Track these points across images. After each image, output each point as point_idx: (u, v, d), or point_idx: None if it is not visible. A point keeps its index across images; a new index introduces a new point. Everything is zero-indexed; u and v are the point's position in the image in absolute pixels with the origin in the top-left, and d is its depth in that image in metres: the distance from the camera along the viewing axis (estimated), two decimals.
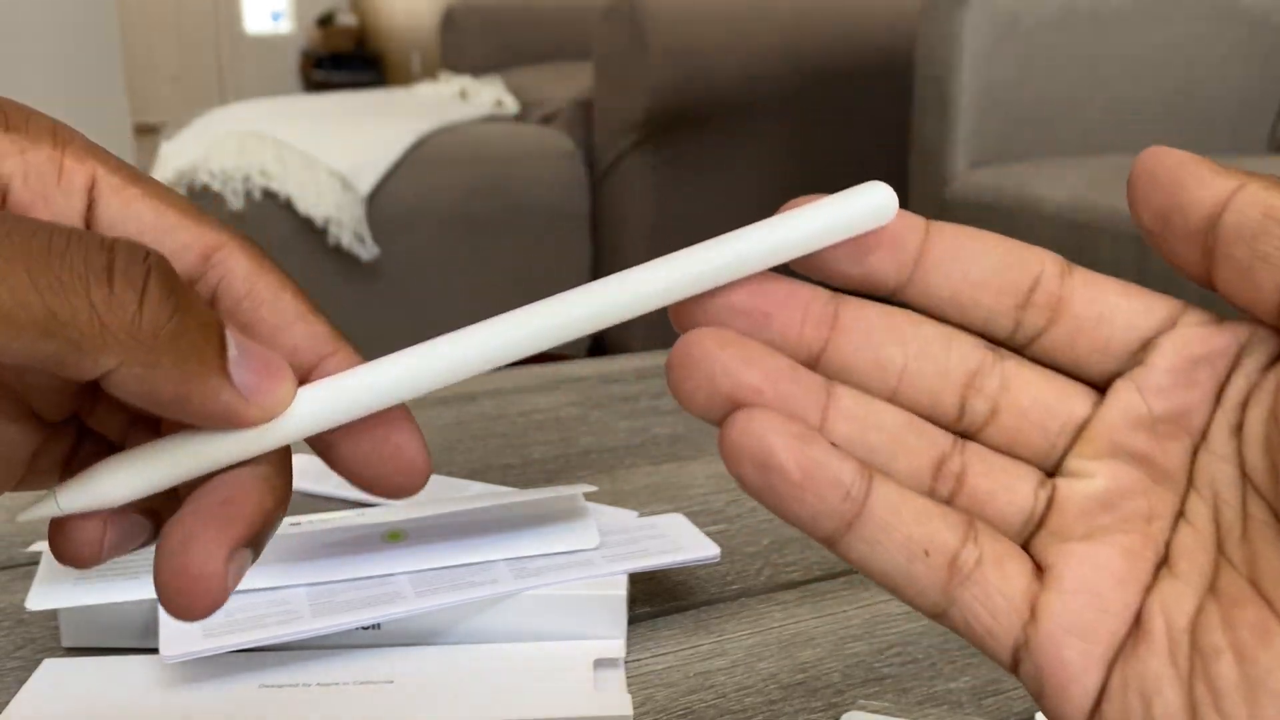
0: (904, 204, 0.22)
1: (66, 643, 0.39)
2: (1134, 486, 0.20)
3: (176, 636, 0.36)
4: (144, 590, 0.38)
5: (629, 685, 0.38)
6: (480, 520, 0.42)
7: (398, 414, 0.21)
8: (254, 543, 0.21)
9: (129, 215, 0.21)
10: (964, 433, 0.21)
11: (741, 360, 0.20)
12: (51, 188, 0.21)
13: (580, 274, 1.96)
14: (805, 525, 0.20)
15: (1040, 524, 0.21)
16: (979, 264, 0.21)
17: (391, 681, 0.37)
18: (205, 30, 6.06)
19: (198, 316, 0.19)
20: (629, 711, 0.35)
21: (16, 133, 0.21)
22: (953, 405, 0.21)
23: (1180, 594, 0.20)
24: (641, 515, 0.46)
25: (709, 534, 0.44)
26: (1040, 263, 0.21)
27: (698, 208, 1.85)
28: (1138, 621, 0.20)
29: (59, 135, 0.21)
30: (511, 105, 2.12)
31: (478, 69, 2.52)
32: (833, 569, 0.46)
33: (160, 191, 0.22)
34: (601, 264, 1.97)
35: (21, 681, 0.37)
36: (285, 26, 6.33)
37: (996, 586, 0.20)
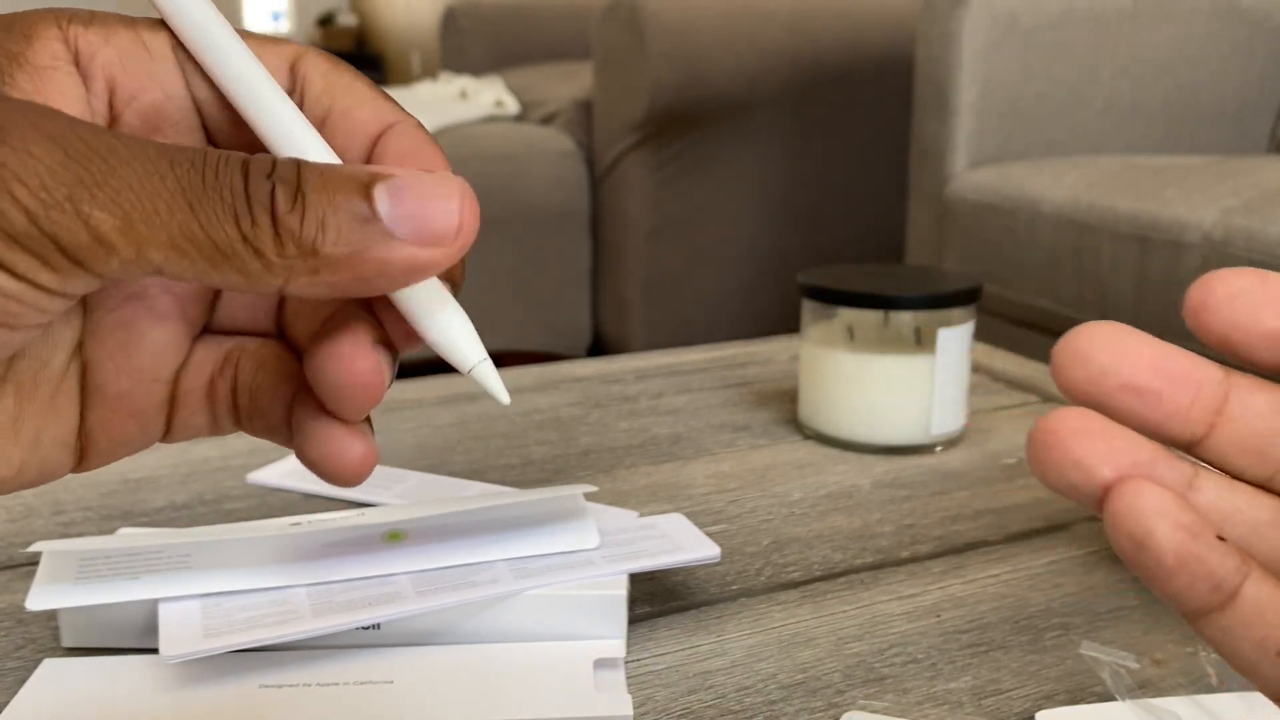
0: (904, 203, 0.21)
1: (66, 643, 0.39)
2: None
3: (176, 637, 0.36)
4: (144, 590, 0.38)
5: (629, 685, 0.38)
6: (480, 520, 0.42)
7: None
8: (388, 343, 0.22)
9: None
10: None
11: (1098, 455, 0.19)
12: (148, 64, 0.23)
13: (580, 274, 1.96)
14: (1165, 599, 0.19)
15: None
16: None
17: (392, 681, 0.37)
18: None
19: (333, 199, 0.19)
20: (629, 712, 0.35)
21: (96, 25, 0.22)
22: None
23: None
24: (641, 515, 0.46)
25: (709, 534, 0.44)
26: None
27: (698, 208, 1.85)
28: None
29: (125, 18, 0.23)
30: (512, 105, 2.12)
31: (478, 69, 2.52)
32: (833, 569, 0.46)
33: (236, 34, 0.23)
34: (601, 264, 1.97)
35: (21, 681, 0.37)
36: (285, 26, 6.33)
37: None
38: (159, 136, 0.23)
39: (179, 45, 0.23)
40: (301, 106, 0.23)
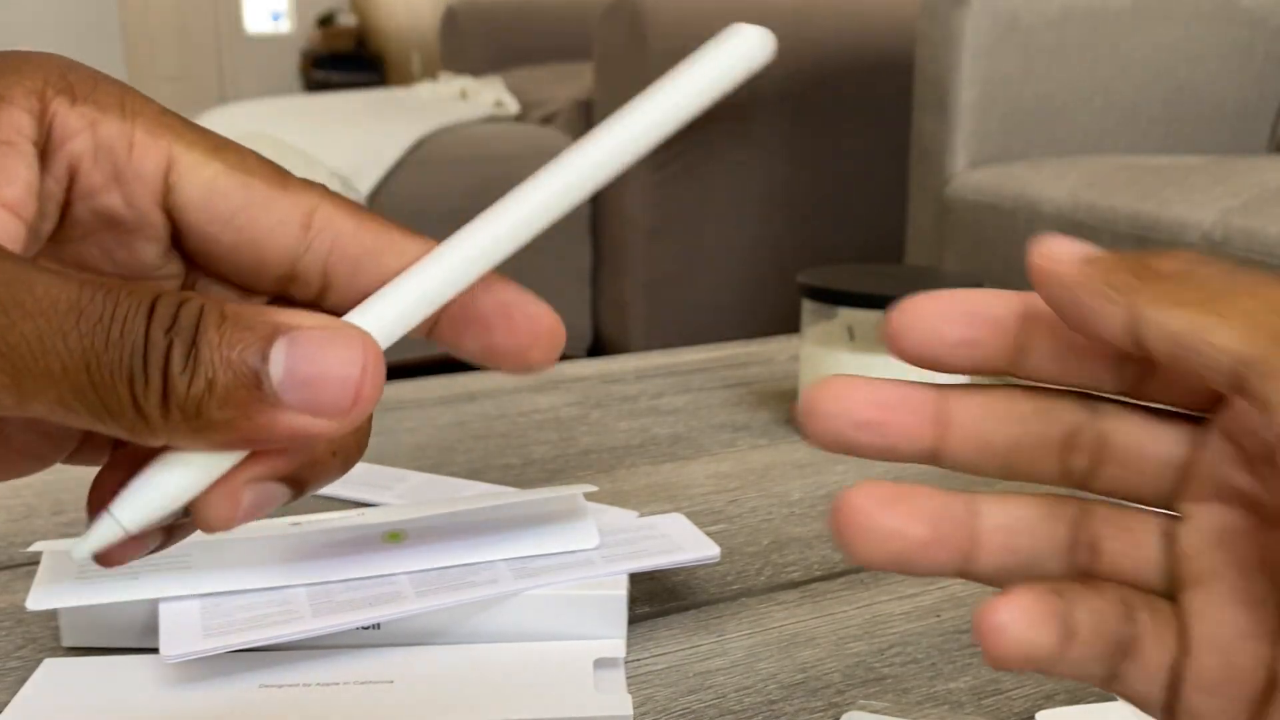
0: (904, 203, 0.22)
1: (67, 643, 0.39)
2: (1243, 528, 0.20)
3: (176, 636, 0.36)
4: (144, 590, 0.38)
5: (629, 685, 0.38)
6: (480, 520, 0.42)
7: (504, 287, 0.22)
8: (292, 480, 0.20)
9: (213, 196, 0.21)
10: (1077, 487, 0.22)
11: (905, 518, 0.21)
12: (123, 166, 0.21)
13: (580, 274, 1.96)
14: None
15: (1173, 574, 0.21)
16: (1078, 338, 0.21)
17: (391, 681, 0.37)
18: (205, 30, 6.06)
19: (226, 358, 0.18)
20: (629, 712, 0.35)
21: (85, 104, 0.20)
22: (1053, 467, 0.22)
23: None
24: (641, 515, 0.46)
25: (709, 534, 0.44)
26: None
27: (698, 208, 1.85)
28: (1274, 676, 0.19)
29: (128, 106, 0.21)
30: (512, 105, 2.12)
31: (478, 69, 2.52)
32: (833, 569, 0.46)
33: (244, 163, 0.21)
34: (601, 264, 1.97)
35: (22, 681, 0.37)
36: (285, 26, 6.33)
37: (1154, 659, 0.20)
38: (109, 235, 0.21)
39: (179, 159, 0.21)
40: (326, 274, 0.21)
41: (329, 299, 0.22)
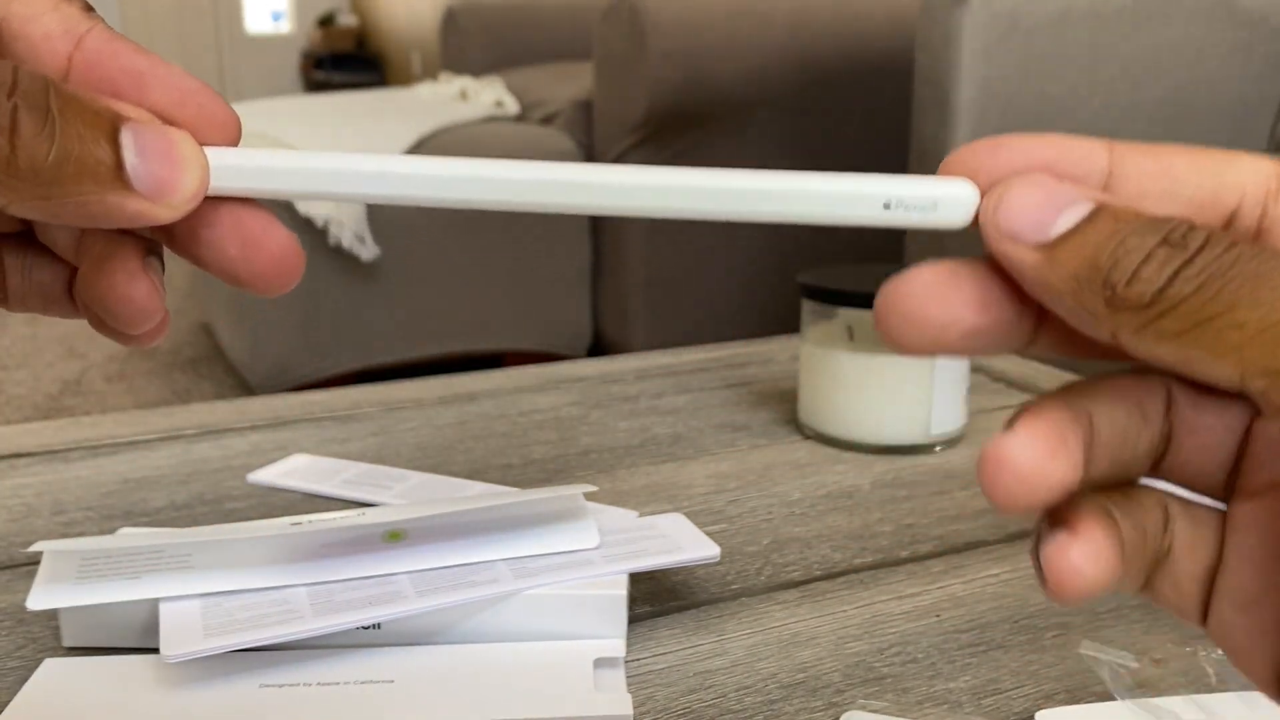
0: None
1: (67, 643, 0.39)
2: None
3: (177, 636, 0.36)
4: (144, 590, 0.38)
5: (629, 685, 0.38)
6: (480, 520, 0.42)
7: (261, 212, 0.21)
8: (156, 250, 0.22)
9: None
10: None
11: (1059, 463, 0.18)
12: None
13: (580, 274, 1.96)
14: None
15: (1234, 480, 0.20)
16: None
17: (392, 681, 0.37)
18: (206, 30, 6.06)
19: (81, 134, 0.18)
20: (629, 711, 0.35)
21: None
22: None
23: None
24: (641, 515, 0.46)
25: (709, 534, 0.44)
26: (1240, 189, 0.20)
27: None
28: None
29: None
30: (511, 105, 2.12)
31: (478, 69, 2.52)
32: (832, 569, 0.46)
33: None
34: (601, 264, 1.97)
35: (22, 681, 0.37)
36: (285, 26, 6.33)
37: (1185, 570, 0.20)
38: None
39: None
40: None
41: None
